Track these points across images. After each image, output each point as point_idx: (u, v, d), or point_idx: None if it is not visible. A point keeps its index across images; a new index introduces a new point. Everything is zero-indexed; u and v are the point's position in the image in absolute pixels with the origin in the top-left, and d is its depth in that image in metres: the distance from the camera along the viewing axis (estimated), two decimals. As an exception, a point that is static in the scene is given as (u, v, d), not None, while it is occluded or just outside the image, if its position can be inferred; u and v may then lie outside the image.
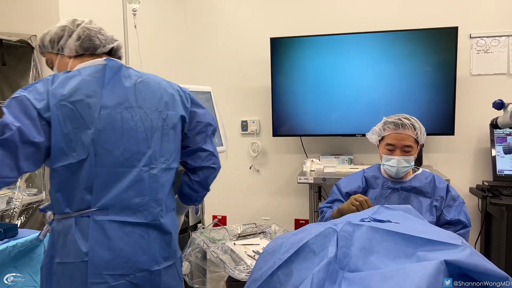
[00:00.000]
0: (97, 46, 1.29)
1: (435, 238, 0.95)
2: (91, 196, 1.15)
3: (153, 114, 1.25)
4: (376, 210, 1.22)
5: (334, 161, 3.02)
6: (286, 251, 1.14)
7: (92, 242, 1.13)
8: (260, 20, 3.24)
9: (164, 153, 1.26)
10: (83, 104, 1.15)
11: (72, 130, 1.14)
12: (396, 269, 0.87)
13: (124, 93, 1.22)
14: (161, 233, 1.24)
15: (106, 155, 1.16)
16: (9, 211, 2.63)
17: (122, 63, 1.28)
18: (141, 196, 1.20)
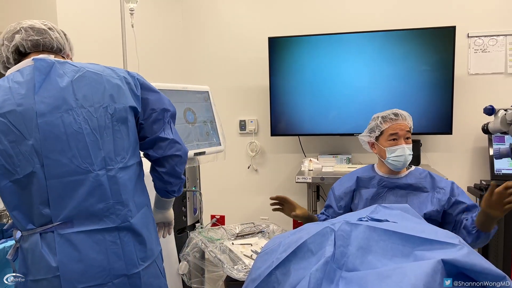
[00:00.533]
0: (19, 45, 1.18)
1: (432, 237, 0.95)
2: (49, 210, 1.08)
3: (98, 112, 1.13)
4: (374, 209, 1.22)
5: (332, 161, 3.02)
6: (284, 251, 1.14)
7: (61, 257, 1.08)
8: (258, 20, 3.24)
9: (119, 152, 1.16)
10: (14, 114, 1.07)
11: (9, 144, 1.07)
12: (393, 268, 0.87)
13: (61, 94, 1.10)
14: (134, 234, 1.17)
15: (54, 165, 1.08)
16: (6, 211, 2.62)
17: (53, 60, 1.14)
18: (104, 201, 1.12)
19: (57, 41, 1.22)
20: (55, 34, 1.22)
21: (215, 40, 3.35)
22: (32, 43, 1.18)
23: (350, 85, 2.90)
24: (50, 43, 1.21)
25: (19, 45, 1.17)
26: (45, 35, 1.20)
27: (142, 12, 2.64)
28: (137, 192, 1.21)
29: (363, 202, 1.67)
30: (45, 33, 1.20)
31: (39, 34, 1.19)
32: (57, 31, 1.24)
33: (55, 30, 1.24)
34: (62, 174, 1.09)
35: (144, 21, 2.66)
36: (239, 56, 3.29)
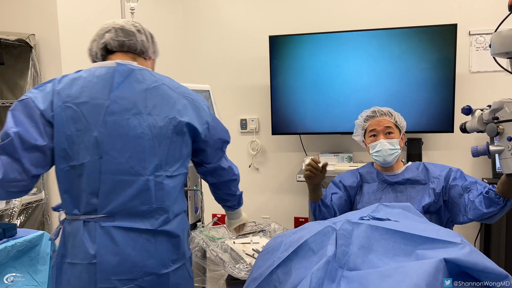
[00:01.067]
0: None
1: (434, 236, 0.95)
2: (97, 200, 1.15)
3: (163, 122, 1.20)
4: (376, 208, 1.22)
5: (334, 159, 3.02)
6: (285, 250, 1.14)
7: (99, 246, 1.14)
8: (259, 18, 3.24)
9: (170, 161, 1.23)
10: (88, 106, 1.15)
11: (76, 132, 1.14)
12: (395, 267, 0.87)
13: (134, 99, 1.18)
14: (169, 237, 1.23)
15: (111, 161, 1.15)
16: (8, 211, 2.63)
17: (134, 67, 1.23)
18: (148, 205, 1.19)
19: (141, 44, 1.30)
20: (142, 37, 1.30)
21: (215, 38, 3.34)
22: (119, 43, 1.26)
23: (351, 84, 2.89)
24: (135, 45, 1.28)
25: (107, 43, 1.26)
26: (131, 37, 1.28)
27: (142, 11, 2.63)
28: (178, 200, 1.28)
29: (366, 196, 1.69)
30: (132, 35, 1.28)
31: (127, 36, 1.27)
32: (145, 34, 1.32)
33: (143, 33, 1.31)
34: (116, 171, 1.15)
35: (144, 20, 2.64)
36: (240, 55, 3.28)
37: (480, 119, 1.33)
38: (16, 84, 2.84)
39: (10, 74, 2.86)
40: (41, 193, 2.84)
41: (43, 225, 2.88)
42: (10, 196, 1.15)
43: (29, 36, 2.69)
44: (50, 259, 1.76)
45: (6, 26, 2.78)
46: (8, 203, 2.64)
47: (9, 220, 2.62)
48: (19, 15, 2.81)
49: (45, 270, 1.72)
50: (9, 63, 2.81)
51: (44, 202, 2.85)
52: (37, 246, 1.74)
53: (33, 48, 2.72)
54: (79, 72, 1.22)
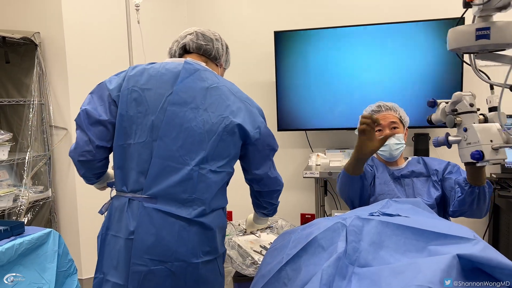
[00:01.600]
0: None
1: (446, 231, 0.93)
2: (144, 180, 1.24)
3: (216, 119, 1.28)
4: (385, 204, 1.20)
5: (340, 155, 3.00)
6: (294, 247, 1.12)
7: (138, 225, 1.22)
8: (263, 14, 3.21)
9: (216, 157, 1.29)
10: (152, 93, 1.27)
11: (137, 113, 1.26)
12: (407, 263, 0.85)
13: (194, 94, 1.28)
14: (203, 229, 1.27)
15: (163, 147, 1.24)
16: (16, 208, 2.64)
17: (199, 67, 1.33)
18: (189, 193, 1.25)
19: (216, 50, 1.43)
20: (217, 45, 1.43)
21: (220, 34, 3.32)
22: (197, 45, 1.40)
23: (357, 79, 2.87)
24: (210, 50, 1.41)
25: (186, 44, 1.40)
26: (209, 43, 1.41)
27: (147, 8, 2.62)
28: (218, 196, 1.32)
29: (378, 187, 1.68)
30: (210, 42, 1.41)
31: (205, 41, 1.40)
32: (222, 43, 1.46)
33: (220, 42, 1.45)
34: (166, 157, 1.24)
35: (149, 17, 2.65)
36: (245, 51, 3.26)
37: (443, 111, 1.36)
38: (21, 82, 2.85)
39: (16, 72, 2.87)
40: (48, 191, 2.85)
41: (50, 223, 2.89)
42: (82, 165, 1.32)
43: (34, 34, 2.69)
44: (58, 257, 1.77)
45: (11, 25, 2.79)
46: (15, 201, 2.65)
47: (16, 218, 2.63)
48: (24, 13, 2.81)
49: (53, 268, 1.72)
50: (15, 61, 2.82)
51: (51, 200, 2.86)
52: (45, 244, 1.74)
53: (38, 46, 2.72)
54: (153, 64, 1.34)
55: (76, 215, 2.84)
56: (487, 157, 1.18)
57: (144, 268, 1.22)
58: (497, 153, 1.18)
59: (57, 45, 2.76)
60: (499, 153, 1.18)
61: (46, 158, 2.84)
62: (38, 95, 2.76)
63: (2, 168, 2.78)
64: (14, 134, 2.77)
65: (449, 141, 1.28)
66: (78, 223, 2.85)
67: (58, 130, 2.84)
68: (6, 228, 1.65)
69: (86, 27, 2.78)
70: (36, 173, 2.85)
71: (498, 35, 1.11)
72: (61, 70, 2.77)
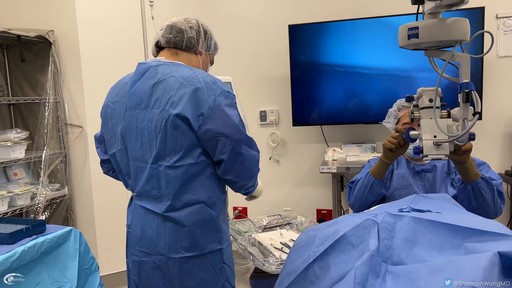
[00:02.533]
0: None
1: (481, 227, 0.90)
2: (131, 181, 1.37)
3: (158, 115, 1.27)
4: (413, 200, 1.17)
5: (357, 150, 2.96)
6: (320, 244, 1.09)
7: (131, 220, 1.39)
8: (277, 7, 3.17)
9: (168, 152, 1.27)
10: (118, 104, 1.36)
11: (112, 125, 1.38)
12: (446, 261, 0.82)
13: (142, 94, 1.30)
14: (177, 225, 1.29)
15: (131, 150, 1.33)
16: (34, 207, 2.65)
17: (153, 63, 1.33)
18: (156, 190, 1.30)
19: (187, 40, 1.39)
20: (190, 34, 1.39)
21: (233, 29, 3.29)
22: (166, 40, 1.38)
23: (373, 72, 2.82)
24: (179, 42, 1.38)
25: (158, 40, 1.41)
26: (178, 34, 1.38)
27: (160, 4, 2.60)
28: (189, 191, 1.29)
29: (395, 182, 1.66)
30: (179, 33, 1.38)
31: (174, 33, 1.38)
32: (197, 30, 1.41)
33: (195, 29, 1.40)
34: (135, 158, 1.33)
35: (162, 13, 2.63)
36: (259, 45, 3.23)
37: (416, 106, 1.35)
38: (36, 81, 2.86)
39: (31, 70, 2.87)
40: (64, 188, 2.86)
41: (67, 220, 2.90)
42: (108, 175, 1.57)
43: (48, 33, 2.69)
44: (79, 255, 1.77)
45: (25, 23, 2.79)
46: (33, 199, 2.66)
47: (34, 216, 2.65)
48: (38, 11, 2.81)
49: (74, 266, 1.72)
50: (29, 60, 2.82)
51: (67, 198, 2.87)
52: (66, 242, 1.74)
53: (53, 44, 2.72)
54: (128, 75, 1.41)
55: (93, 212, 2.85)
56: (425, 152, 1.19)
57: (137, 258, 1.36)
58: (438, 148, 1.18)
59: (71, 43, 2.76)
60: (440, 148, 1.18)
61: (62, 156, 2.85)
62: (53, 93, 2.77)
63: (19, 167, 2.79)
64: (30, 133, 2.78)
65: (410, 136, 1.30)
66: (95, 220, 2.86)
67: (73, 128, 2.85)
68: (28, 227, 1.65)
69: (100, 25, 2.77)
70: (53, 171, 2.86)
71: (426, 34, 1.13)
72: (76, 68, 2.77)
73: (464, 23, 1.15)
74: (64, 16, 2.73)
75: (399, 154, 1.48)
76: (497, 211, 1.50)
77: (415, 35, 1.16)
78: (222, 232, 1.35)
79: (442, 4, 1.10)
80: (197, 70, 1.31)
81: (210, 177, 1.32)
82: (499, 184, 1.49)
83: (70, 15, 2.70)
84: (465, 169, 1.41)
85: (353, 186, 1.66)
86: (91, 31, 2.75)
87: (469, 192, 1.44)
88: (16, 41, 2.58)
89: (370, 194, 1.57)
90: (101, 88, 2.82)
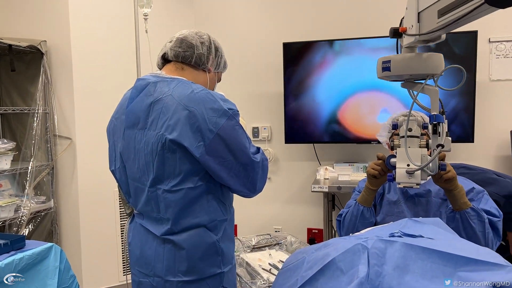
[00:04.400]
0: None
1: (475, 256, 0.87)
2: (131, 200, 1.32)
3: (154, 138, 1.19)
4: (405, 224, 1.14)
5: (349, 169, 2.94)
6: (309, 268, 1.06)
7: (132, 238, 1.32)
8: (272, 25, 3.19)
9: (167, 176, 1.20)
10: (119, 120, 1.30)
11: (113, 142, 1.34)
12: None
13: (139, 114, 1.23)
14: (176, 248, 1.22)
15: (130, 169, 1.28)
16: (17, 219, 2.58)
17: (152, 79, 1.25)
18: (156, 213, 1.24)
19: (197, 57, 1.31)
20: (201, 50, 1.32)
21: (228, 45, 3.26)
22: (174, 53, 1.30)
23: (366, 92, 2.82)
24: (189, 57, 1.30)
25: (166, 52, 1.32)
26: (189, 49, 1.30)
27: (155, 17, 2.60)
28: (189, 214, 1.22)
29: (386, 207, 1.60)
30: (190, 48, 1.30)
31: (185, 47, 1.30)
32: (208, 46, 1.35)
33: (206, 45, 1.34)
34: (134, 179, 1.28)
35: (156, 26, 2.62)
36: (253, 62, 3.23)
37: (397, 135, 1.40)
38: (27, 91, 2.81)
39: (21, 80, 2.83)
40: (50, 201, 2.79)
41: (51, 234, 2.83)
42: None
43: (41, 43, 2.67)
44: (59, 273, 1.70)
45: (17, 33, 2.76)
46: (17, 212, 2.59)
47: (17, 229, 2.57)
48: (31, 21, 2.78)
49: (53, 284, 1.65)
50: (20, 70, 2.78)
51: (53, 211, 2.80)
52: (46, 259, 1.68)
53: (45, 54, 2.69)
54: (130, 89, 1.33)
55: (78, 227, 2.78)
56: (398, 179, 1.22)
57: (136, 278, 1.31)
58: (410, 176, 1.21)
59: (63, 54, 2.73)
60: (412, 177, 1.21)
61: (49, 168, 2.79)
62: (43, 104, 2.73)
63: (4, 178, 2.72)
64: (17, 143, 2.73)
65: (390, 163, 1.31)
66: (80, 235, 2.78)
67: (62, 140, 2.80)
68: (6, 242, 1.59)
69: (93, 36, 2.75)
70: (39, 183, 2.80)
71: (397, 68, 1.18)
72: (67, 80, 2.73)
73: (437, 58, 1.19)
74: (58, 27, 2.71)
75: (383, 180, 1.48)
76: (487, 246, 1.46)
77: (388, 68, 1.20)
78: (223, 255, 1.27)
79: (420, 39, 1.14)
80: (197, 88, 1.21)
81: (211, 199, 1.24)
82: (497, 221, 1.44)
83: (63, 26, 2.68)
84: (454, 197, 1.40)
85: (341, 219, 1.63)
86: (84, 43, 2.73)
87: (457, 221, 1.41)
88: (7, 51, 2.55)
89: (361, 224, 1.54)
90: (92, 100, 2.80)
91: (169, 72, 1.30)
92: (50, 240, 2.79)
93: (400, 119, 1.36)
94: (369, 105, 2.82)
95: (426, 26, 1.11)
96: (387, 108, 2.78)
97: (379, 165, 1.45)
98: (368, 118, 2.83)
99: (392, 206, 1.58)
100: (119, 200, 1.52)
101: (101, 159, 2.65)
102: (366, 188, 1.52)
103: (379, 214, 1.61)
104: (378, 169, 1.44)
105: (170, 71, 1.30)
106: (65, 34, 2.69)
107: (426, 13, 1.10)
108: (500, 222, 1.46)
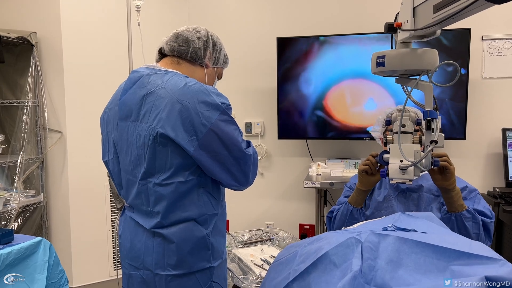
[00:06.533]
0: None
1: (467, 250, 0.87)
2: (123, 192, 1.31)
3: (146, 131, 1.19)
4: (398, 218, 1.14)
5: (341, 165, 2.94)
6: (302, 262, 1.05)
7: (122, 230, 1.32)
8: (266, 20, 3.17)
9: (158, 170, 1.20)
10: (112, 111, 1.30)
11: (106, 133, 1.33)
12: (432, 286, 0.78)
13: (132, 106, 1.23)
14: (166, 241, 1.22)
15: (122, 161, 1.28)
16: (6, 213, 2.54)
17: (145, 72, 1.25)
18: (146, 206, 1.24)
19: (193, 52, 1.30)
20: (197, 45, 1.30)
21: (221, 40, 3.26)
22: (170, 48, 1.30)
23: (359, 88, 2.82)
24: (184, 51, 1.29)
25: (162, 46, 1.33)
26: (184, 44, 1.29)
27: (148, 10, 2.57)
28: (179, 208, 1.22)
29: (375, 203, 1.60)
30: (186, 42, 1.29)
31: (180, 42, 1.29)
32: (205, 42, 1.32)
33: (203, 41, 1.32)
34: (126, 171, 1.27)
35: (149, 19, 2.59)
36: (246, 57, 3.21)
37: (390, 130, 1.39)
38: (16, 83, 2.77)
39: (11, 72, 2.79)
40: (39, 195, 2.76)
41: (41, 228, 2.79)
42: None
43: (31, 34, 2.62)
44: (48, 268, 1.68)
45: (7, 24, 2.71)
46: (5, 206, 2.55)
47: (6, 223, 2.54)
48: (21, 12, 2.73)
49: (42, 279, 1.62)
50: (10, 62, 2.73)
51: (42, 205, 2.77)
52: (34, 254, 1.65)
53: (35, 46, 2.65)
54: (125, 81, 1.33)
55: (69, 221, 2.75)
56: (391, 175, 1.22)
57: (126, 271, 1.31)
58: (403, 172, 1.21)
59: (54, 46, 2.69)
60: (405, 173, 1.21)
61: (39, 161, 2.75)
62: (32, 96, 2.68)
63: (-7, 171, 2.68)
64: (6, 136, 2.68)
65: (383, 159, 1.32)
66: (70, 229, 2.75)
67: (52, 133, 2.76)
68: (-6, 235, 1.56)
69: (84, 28, 2.71)
70: (28, 177, 2.76)
71: (391, 63, 1.18)
72: (58, 72, 2.69)
73: (432, 54, 1.19)
74: (48, 18, 2.66)
75: (374, 181, 1.49)
76: (486, 241, 1.47)
77: (382, 63, 1.20)
78: (213, 250, 1.26)
79: (415, 35, 1.13)
80: (190, 81, 1.20)
81: (202, 194, 1.24)
82: (490, 222, 1.45)
83: (54, 18, 2.64)
84: (451, 199, 1.40)
85: (332, 216, 1.63)
86: (75, 35, 2.68)
87: (452, 223, 1.41)
88: (-4, 42, 2.50)
89: (350, 224, 1.53)
90: (83, 93, 2.76)
91: (165, 65, 1.30)
92: (39, 235, 2.75)
93: (394, 114, 1.37)
94: (362, 102, 2.82)
95: (421, 21, 1.11)
96: (381, 105, 2.78)
97: (370, 160, 1.46)
98: (360, 115, 2.83)
99: (381, 202, 1.58)
100: (110, 194, 1.51)
101: (91, 153, 2.62)
102: (357, 189, 1.53)
103: (368, 208, 1.61)
104: (369, 163, 1.46)
105: (166, 64, 1.30)
106: (55, 26, 2.65)
107: (421, 8, 1.10)
108: (492, 224, 1.47)
